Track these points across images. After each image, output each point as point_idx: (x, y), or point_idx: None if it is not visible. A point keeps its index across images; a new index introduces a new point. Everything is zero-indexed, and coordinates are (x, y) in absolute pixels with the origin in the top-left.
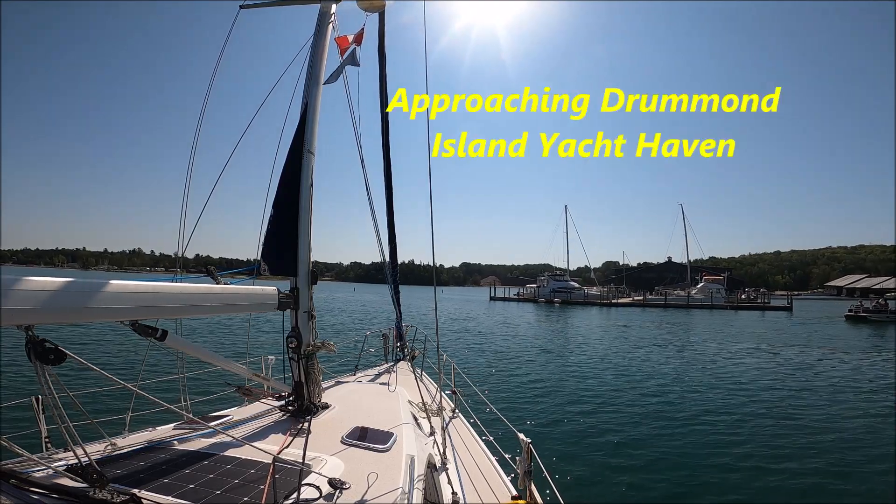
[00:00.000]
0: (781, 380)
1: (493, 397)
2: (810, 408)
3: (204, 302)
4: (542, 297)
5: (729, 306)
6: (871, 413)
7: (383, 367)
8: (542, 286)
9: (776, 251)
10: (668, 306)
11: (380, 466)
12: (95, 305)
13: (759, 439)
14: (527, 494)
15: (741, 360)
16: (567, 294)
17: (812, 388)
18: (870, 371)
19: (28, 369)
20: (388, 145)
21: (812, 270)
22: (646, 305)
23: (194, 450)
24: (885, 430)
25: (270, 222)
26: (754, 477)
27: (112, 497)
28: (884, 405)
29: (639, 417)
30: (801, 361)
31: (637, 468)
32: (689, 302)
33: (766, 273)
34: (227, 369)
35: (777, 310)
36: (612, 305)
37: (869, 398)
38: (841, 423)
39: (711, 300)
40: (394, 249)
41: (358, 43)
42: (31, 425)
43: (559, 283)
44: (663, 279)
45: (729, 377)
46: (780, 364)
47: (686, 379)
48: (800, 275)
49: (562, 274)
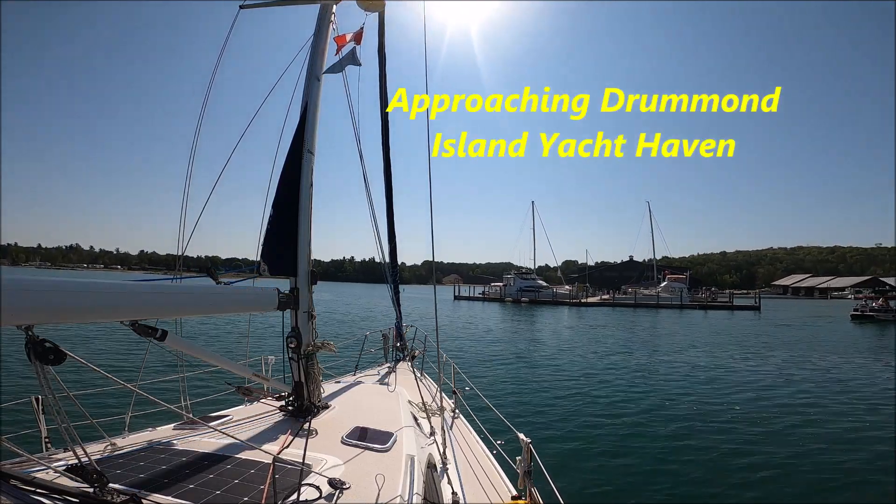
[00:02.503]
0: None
1: (493, 398)
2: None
3: (204, 302)
4: (509, 297)
5: (697, 306)
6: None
7: (383, 367)
8: (509, 285)
9: (722, 251)
10: (637, 306)
11: (380, 466)
12: (95, 305)
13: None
14: (527, 494)
15: (790, 374)
16: (535, 293)
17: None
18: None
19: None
20: (387, 145)
21: (757, 270)
22: (615, 305)
23: (194, 450)
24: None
25: (270, 222)
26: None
27: (112, 497)
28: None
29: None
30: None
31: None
32: (658, 302)
33: (716, 272)
34: (227, 369)
35: (745, 309)
36: (581, 305)
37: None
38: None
39: (681, 299)
40: (394, 249)
41: (357, 42)
42: (31, 425)
43: (526, 281)
44: (625, 278)
45: (793, 398)
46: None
47: (734, 403)
48: (746, 274)
49: (529, 272)
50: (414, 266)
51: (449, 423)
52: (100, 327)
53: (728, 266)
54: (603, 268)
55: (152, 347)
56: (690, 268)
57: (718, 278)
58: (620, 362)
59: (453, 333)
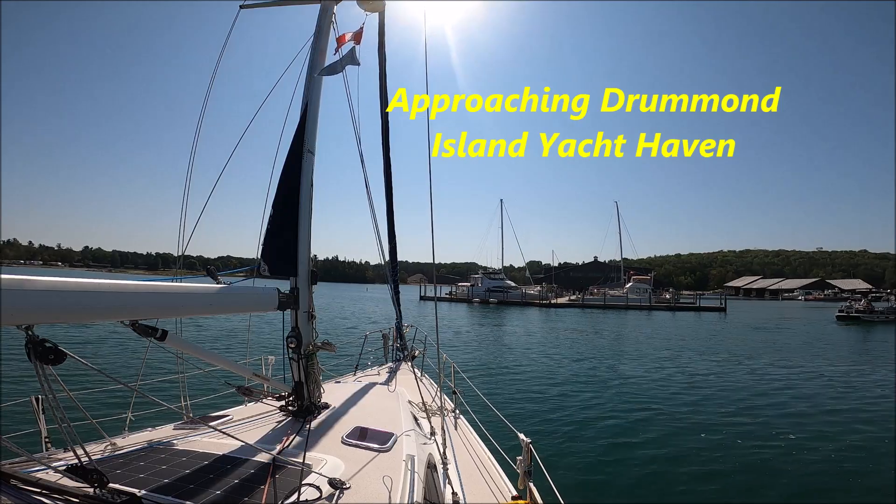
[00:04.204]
0: None
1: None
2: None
3: (204, 302)
4: (477, 297)
5: (665, 307)
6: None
7: (383, 367)
8: (476, 285)
9: (677, 254)
10: (607, 307)
11: (380, 467)
12: (95, 305)
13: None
14: (527, 494)
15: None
16: (503, 294)
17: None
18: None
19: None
20: (387, 145)
21: (710, 272)
22: (585, 306)
23: (194, 450)
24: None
25: (270, 222)
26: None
27: (112, 497)
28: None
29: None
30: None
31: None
32: (628, 303)
33: (672, 274)
34: (227, 369)
35: (711, 311)
36: (551, 306)
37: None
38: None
39: (649, 301)
40: (394, 249)
41: (357, 41)
42: (31, 425)
43: (494, 282)
44: (591, 279)
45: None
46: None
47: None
48: (699, 276)
49: (497, 272)
50: (378, 265)
51: (449, 423)
52: (100, 327)
53: (683, 268)
54: (568, 268)
55: (152, 347)
56: (649, 269)
57: (675, 279)
58: (628, 371)
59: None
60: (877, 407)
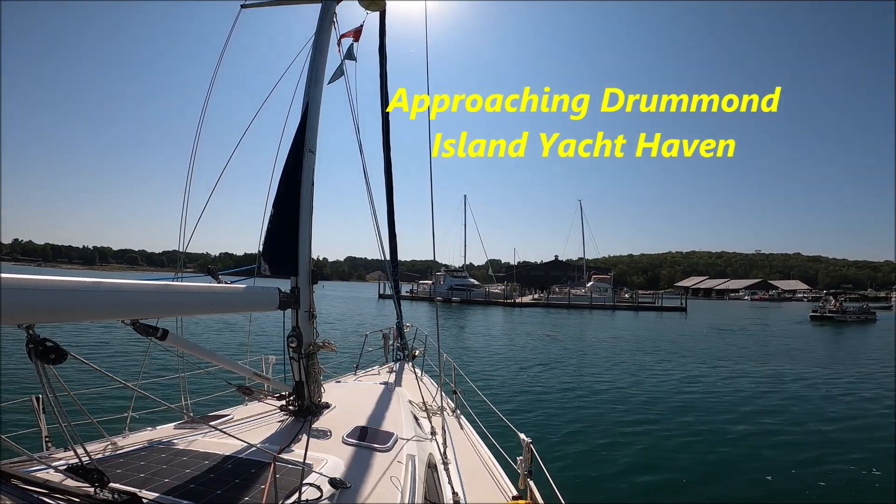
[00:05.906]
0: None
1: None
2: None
3: (204, 301)
4: (439, 296)
5: (627, 307)
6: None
7: (384, 367)
8: (438, 283)
9: (630, 254)
10: (571, 307)
11: (381, 466)
12: (96, 304)
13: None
14: (527, 494)
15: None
16: (466, 292)
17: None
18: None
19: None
20: (388, 145)
21: (660, 272)
22: (549, 306)
23: (195, 450)
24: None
25: (271, 221)
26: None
27: (113, 497)
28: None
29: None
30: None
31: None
32: (591, 302)
33: (626, 273)
34: (228, 369)
35: (672, 310)
36: (515, 305)
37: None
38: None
39: (613, 300)
40: (394, 248)
41: (356, 39)
42: (31, 425)
43: (457, 280)
44: (552, 277)
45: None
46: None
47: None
48: (651, 276)
49: (459, 270)
50: (336, 262)
51: (449, 423)
52: (100, 327)
53: (636, 268)
54: (529, 267)
55: (153, 347)
56: (605, 269)
57: (628, 279)
58: (621, 377)
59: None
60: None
